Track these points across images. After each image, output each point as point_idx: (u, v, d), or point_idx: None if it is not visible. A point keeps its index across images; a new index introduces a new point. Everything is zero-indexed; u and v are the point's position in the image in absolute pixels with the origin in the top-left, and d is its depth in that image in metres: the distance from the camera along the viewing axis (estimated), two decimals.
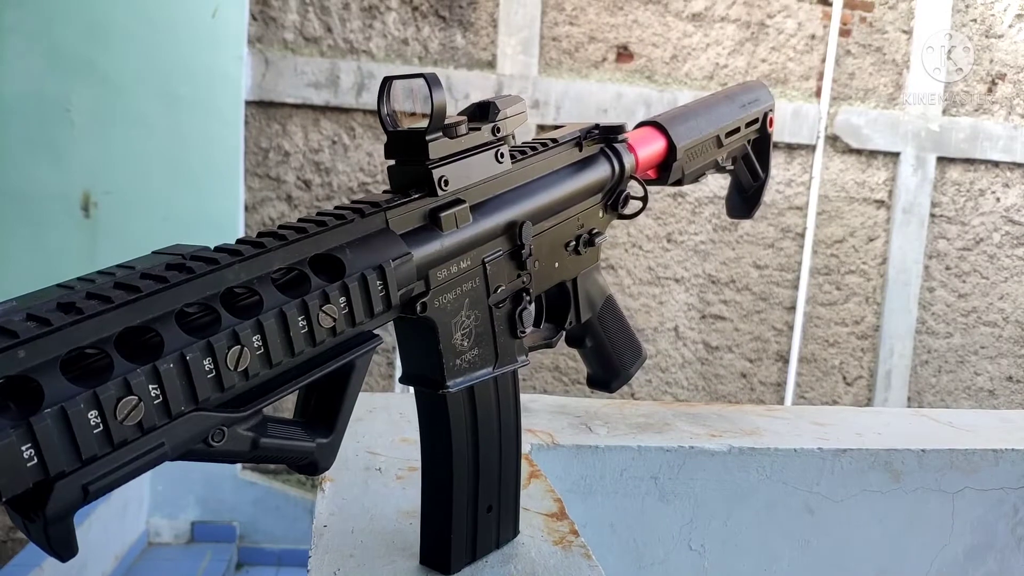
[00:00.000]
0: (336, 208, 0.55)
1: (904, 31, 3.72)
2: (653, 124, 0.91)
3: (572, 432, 1.01)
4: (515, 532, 0.72)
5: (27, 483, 0.36)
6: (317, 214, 0.54)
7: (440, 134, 0.59)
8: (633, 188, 0.84)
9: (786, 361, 3.79)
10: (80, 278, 0.43)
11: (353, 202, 0.56)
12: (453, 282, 0.61)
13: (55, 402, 0.36)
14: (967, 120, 3.81)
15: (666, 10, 3.52)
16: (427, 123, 0.58)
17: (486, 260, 0.64)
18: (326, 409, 0.53)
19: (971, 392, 4.04)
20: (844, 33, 3.67)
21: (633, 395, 3.70)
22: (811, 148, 3.68)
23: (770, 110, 1.07)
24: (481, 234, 0.63)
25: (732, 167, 1.05)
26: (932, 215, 3.83)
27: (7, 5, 2.88)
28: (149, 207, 3.06)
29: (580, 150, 0.77)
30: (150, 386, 0.40)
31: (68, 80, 2.95)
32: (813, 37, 3.65)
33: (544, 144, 0.73)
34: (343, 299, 0.50)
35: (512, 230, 0.66)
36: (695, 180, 0.97)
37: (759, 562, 1.04)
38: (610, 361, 0.92)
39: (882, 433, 1.09)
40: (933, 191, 3.80)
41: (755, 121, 1.05)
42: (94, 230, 3.03)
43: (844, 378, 3.89)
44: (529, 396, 1.17)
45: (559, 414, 1.09)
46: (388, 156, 0.60)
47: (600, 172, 0.79)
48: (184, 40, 3.04)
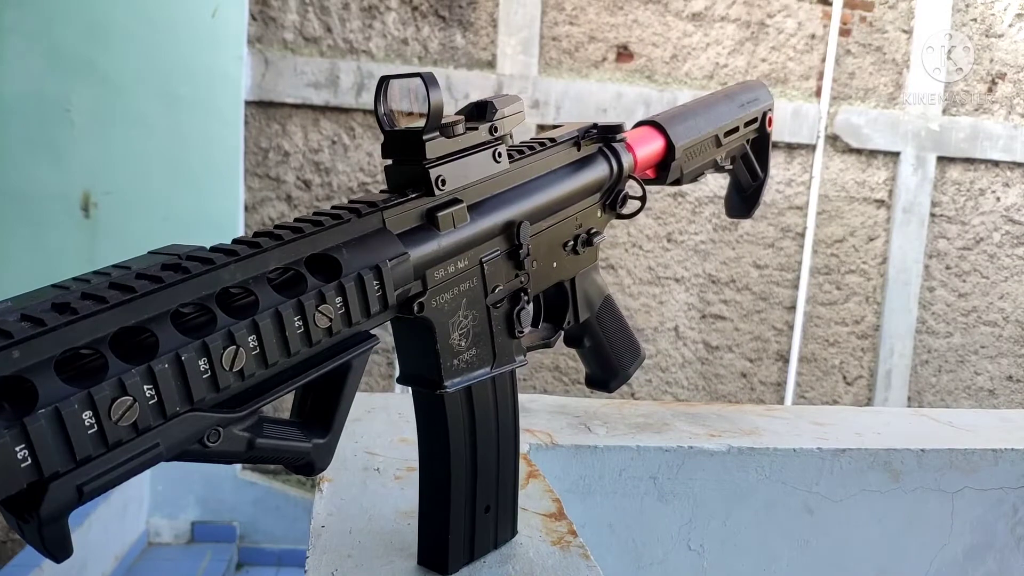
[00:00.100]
0: (333, 208, 0.55)
1: (904, 31, 3.72)
2: (651, 123, 0.91)
3: (571, 432, 1.01)
4: (513, 532, 0.72)
5: (21, 484, 0.36)
6: (314, 214, 0.54)
7: (437, 134, 0.59)
8: (632, 188, 0.84)
9: (786, 361, 3.79)
10: (75, 278, 0.43)
11: (350, 202, 0.56)
12: (450, 282, 0.61)
13: (49, 402, 0.36)
14: (967, 120, 3.81)
15: (666, 10, 3.52)
16: (424, 123, 0.58)
17: (484, 260, 0.64)
18: (323, 409, 0.53)
19: (971, 392, 4.04)
20: (844, 33, 3.66)
21: (633, 395, 3.70)
22: (811, 148, 3.67)
23: (769, 109, 1.06)
24: (479, 234, 0.62)
25: (731, 167, 1.05)
26: (932, 215, 3.83)
27: (7, 5, 2.88)
28: (149, 207, 3.06)
29: (578, 149, 0.77)
30: (145, 386, 0.40)
31: (68, 80, 2.95)
32: (813, 37, 3.65)
33: (542, 144, 0.72)
34: (339, 299, 0.50)
35: (510, 230, 0.66)
36: (694, 180, 0.97)
37: (758, 562, 1.04)
38: (608, 361, 0.92)
39: (881, 433, 1.09)
40: (933, 191, 3.80)
41: (754, 120, 1.05)
42: (94, 230, 3.03)
43: (844, 378, 3.89)
44: (528, 396, 1.17)
45: (558, 414, 1.09)
46: (385, 156, 0.60)
47: (598, 172, 0.78)
48: (184, 40, 3.03)
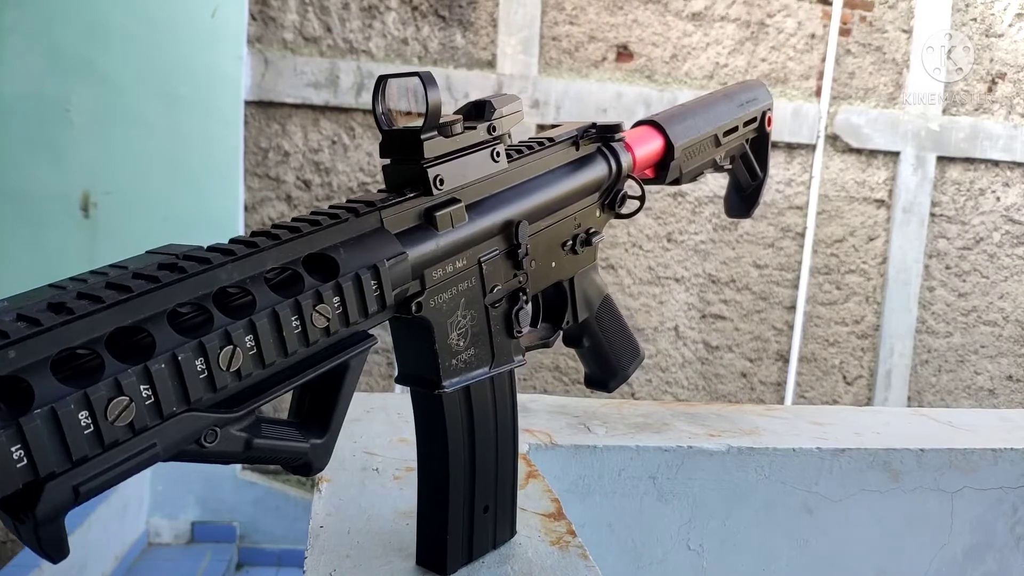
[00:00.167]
0: (330, 207, 0.54)
1: (904, 30, 3.71)
2: (650, 123, 0.91)
3: (570, 432, 1.01)
4: (512, 532, 0.72)
5: (16, 484, 0.36)
6: (311, 213, 0.53)
7: (435, 133, 0.59)
8: (631, 187, 0.84)
9: (786, 361, 3.79)
10: (72, 278, 0.43)
11: (348, 201, 0.56)
12: (449, 282, 0.61)
13: (45, 402, 0.36)
14: (967, 119, 3.81)
15: (666, 9, 3.52)
16: (422, 122, 0.57)
17: (482, 259, 0.63)
18: (320, 409, 0.53)
19: (971, 391, 4.03)
20: (844, 32, 3.66)
21: (633, 395, 3.70)
22: (811, 147, 3.67)
23: (768, 109, 1.06)
24: (477, 233, 0.62)
25: (730, 166, 1.05)
26: (932, 214, 3.82)
27: (7, 5, 2.88)
28: (149, 207, 3.06)
29: (577, 149, 0.76)
30: (141, 386, 0.39)
31: (68, 80, 2.94)
32: (813, 36, 3.65)
33: (540, 143, 0.72)
34: (337, 299, 0.50)
35: (508, 229, 0.65)
36: (693, 179, 0.97)
37: (758, 562, 1.03)
38: (608, 361, 0.92)
39: (881, 433, 1.09)
40: (933, 190, 3.80)
41: (753, 120, 1.04)
42: (93, 230, 3.03)
43: (844, 377, 3.89)
44: (528, 396, 1.17)
45: (558, 414, 1.09)
46: (383, 155, 0.60)
47: (597, 171, 0.78)
48: (184, 40, 3.03)
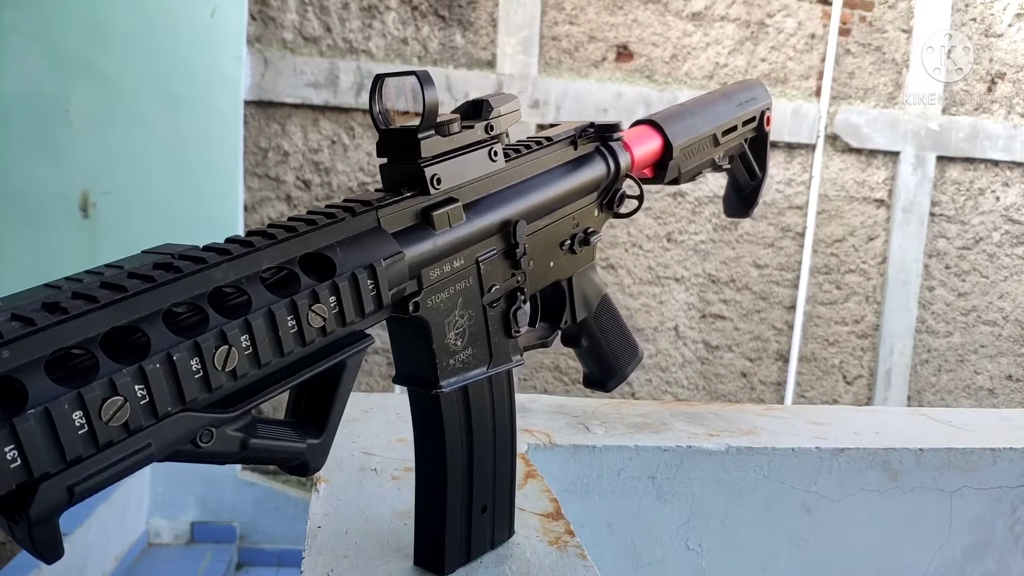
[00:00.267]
0: (327, 207, 0.54)
1: (904, 30, 3.71)
2: (649, 122, 0.91)
3: (569, 432, 1.01)
4: (510, 532, 0.72)
5: (10, 485, 0.35)
6: (308, 212, 0.53)
7: (432, 132, 0.59)
8: (629, 187, 0.84)
9: (786, 360, 3.79)
10: (68, 278, 0.42)
11: (344, 200, 0.56)
12: (446, 281, 0.60)
13: (39, 403, 0.36)
14: (967, 119, 3.80)
15: (666, 9, 3.52)
16: (419, 121, 0.57)
17: (480, 259, 0.63)
18: (317, 409, 0.53)
19: (971, 391, 4.03)
20: (844, 32, 3.66)
21: (633, 395, 3.70)
22: (811, 147, 3.67)
23: (767, 108, 1.06)
24: (475, 233, 0.62)
25: (729, 166, 1.05)
26: (932, 214, 3.82)
27: (7, 5, 2.88)
28: (148, 207, 3.06)
29: (575, 148, 0.76)
30: (136, 386, 0.39)
31: (68, 80, 2.94)
32: (813, 36, 3.65)
33: (538, 142, 0.72)
34: (333, 298, 0.50)
35: (506, 229, 0.65)
36: (692, 179, 0.97)
37: (757, 561, 1.03)
38: (606, 361, 0.92)
39: (880, 432, 1.09)
40: (933, 190, 3.80)
41: (752, 120, 1.04)
42: (93, 230, 3.03)
43: (844, 377, 3.89)
44: (528, 396, 1.17)
45: (557, 414, 1.09)
46: (380, 154, 0.60)
47: (595, 171, 0.78)
48: (183, 40, 3.03)
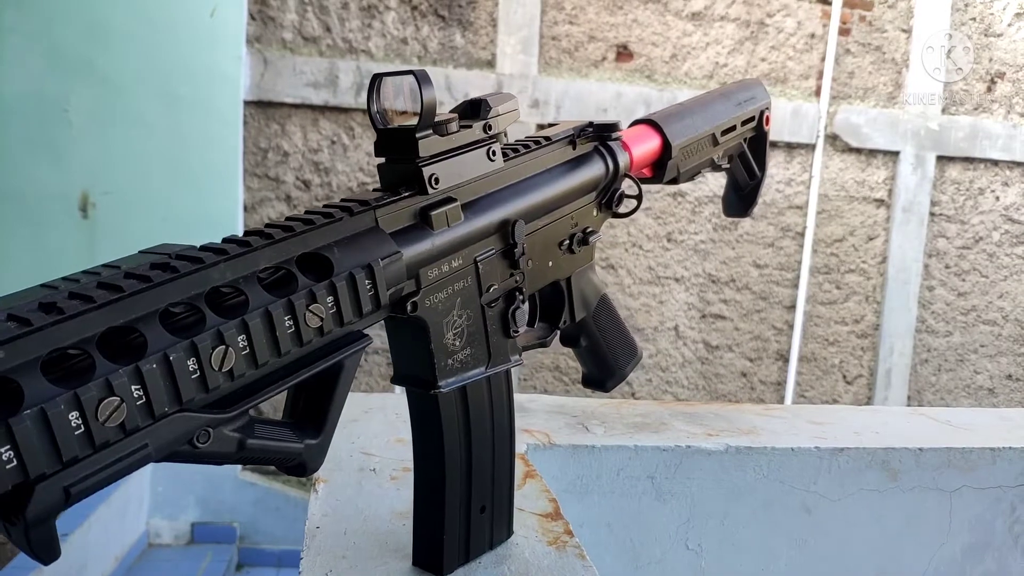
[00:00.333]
0: (325, 206, 0.54)
1: (903, 30, 3.71)
2: (648, 122, 0.91)
3: (569, 432, 1.01)
4: (509, 533, 0.72)
5: (6, 486, 0.35)
6: (305, 212, 0.53)
7: (430, 131, 0.58)
8: (628, 186, 0.84)
9: (786, 360, 3.78)
10: (65, 278, 0.42)
11: (342, 200, 0.56)
12: (444, 281, 0.60)
13: (35, 403, 0.36)
14: (966, 119, 3.80)
15: (666, 9, 3.52)
16: (417, 121, 0.57)
17: (478, 259, 0.63)
18: (315, 410, 0.52)
19: (971, 391, 4.03)
20: (844, 32, 3.66)
21: (633, 394, 3.70)
22: (811, 147, 3.67)
23: (766, 108, 1.06)
24: (473, 233, 0.62)
25: (728, 165, 1.04)
26: (932, 214, 3.82)
27: (7, 5, 2.88)
28: (148, 207, 3.06)
29: (574, 148, 0.76)
30: (133, 387, 0.39)
31: (67, 80, 2.94)
32: (812, 36, 3.64)
33: (537, 142, 0.72)
34: (330, 299, 0.50)
35: (505, 229, 0.65)
36: (691, 178, 0.97)
37: (756, 561, 1.03)
38: (605, 361, 0.92)
39: (879, 432, 1.08)
40: (932, 190, 3.80)
41: (751, 119, 1.04)
42: (92, 230, 3.03)
43: (844, 377, 3.89)
44: (527, 396, 1.17)
45: (556, 414, 1.09)
46: (378, 154, 0.60)
47: (594, 170, 0.78)
48: (183, 40, 3.03)
